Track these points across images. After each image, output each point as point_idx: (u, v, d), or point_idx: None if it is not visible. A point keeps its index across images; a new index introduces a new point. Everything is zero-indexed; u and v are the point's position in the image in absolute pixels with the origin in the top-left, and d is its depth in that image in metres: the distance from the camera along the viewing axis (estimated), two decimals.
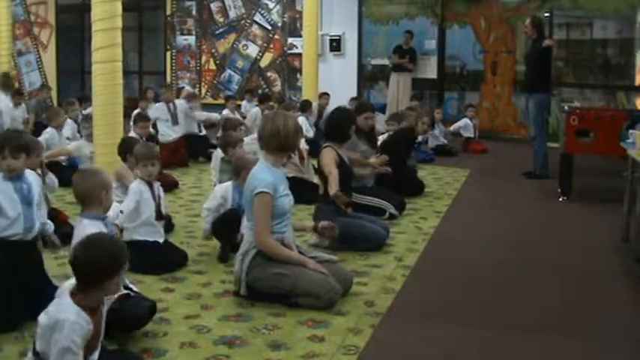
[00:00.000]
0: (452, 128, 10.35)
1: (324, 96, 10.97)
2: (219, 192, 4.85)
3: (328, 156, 5.00)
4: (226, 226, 4.66)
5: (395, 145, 6.69)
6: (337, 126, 5.19)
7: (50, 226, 3.92)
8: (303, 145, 6.92)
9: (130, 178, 5.06)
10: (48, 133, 7.24)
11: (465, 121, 10.33)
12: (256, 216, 3.73)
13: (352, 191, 5.70)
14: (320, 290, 3.67)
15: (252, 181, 3.79)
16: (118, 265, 2.42)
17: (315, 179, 6.58)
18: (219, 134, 8.98)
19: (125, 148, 5.39)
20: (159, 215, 4.46)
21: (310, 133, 9.42)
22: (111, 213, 4.59)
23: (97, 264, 2.38)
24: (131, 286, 3.42)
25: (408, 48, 11.70)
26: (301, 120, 9.37)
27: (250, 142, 6.64)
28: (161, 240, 4.48)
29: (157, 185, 4.53)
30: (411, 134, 6.99)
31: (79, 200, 3.40)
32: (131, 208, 4.37)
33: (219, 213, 4.76)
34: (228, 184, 4.90)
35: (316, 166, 5.52)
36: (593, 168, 7.72)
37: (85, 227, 3.22)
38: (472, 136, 10.27)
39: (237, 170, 4.80)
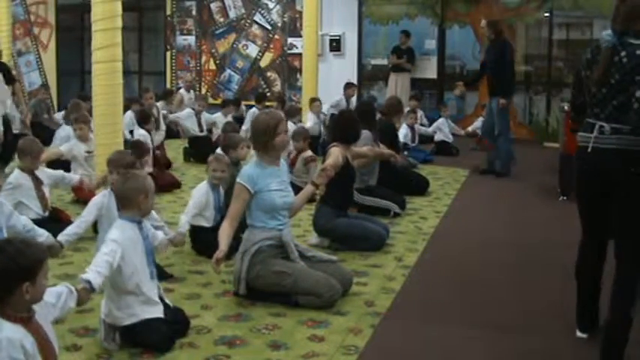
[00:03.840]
0: (470, 129, 10.64)
1: (351, 87, 11.02)
2: (198, 194, 4.81)
3: (337, 152, 4.99)
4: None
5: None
6: (344, 128, 5.17)
7: (41, 236, 3.96)
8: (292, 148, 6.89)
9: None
10: (66, 130, 7.38)
11: (481, 120, 10.48)
12: (230, 205, 3.90)
13: (357, 193, 5.72)
14: (320, 289, 3.68)
15: (239, 175, 3.92)
16: (25, 271, 2.24)
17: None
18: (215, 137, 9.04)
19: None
20: None
21: (315, 131, 9.44)
22: (155, 215, 4.60)
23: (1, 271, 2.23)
24: (165, 299, 3.39)
25: (405, 48, 11.70)
26: (309, 117, 9.42)
27: None
28: None
29: None
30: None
31: (118, 201, 3.37)
32: (89, 221, 4.27)
33: (200, 213, 4.78)
34: (205, 186, 4.86)
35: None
36: None
37: (118, 227, 3.22)
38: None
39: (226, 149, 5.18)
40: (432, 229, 5.58)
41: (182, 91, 12.20)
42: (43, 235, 3.98)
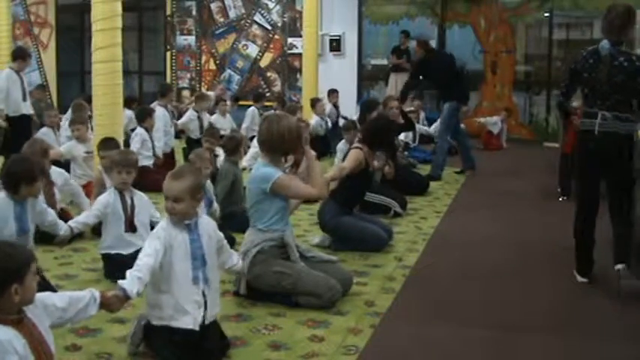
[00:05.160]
0: (482, 119, 10.85)
1: (334, 93, 10.92)
2: None
3: (354, 156, 4.97)
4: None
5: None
6: (378, 134, 5.13)
7: (61, 229, 4.06)
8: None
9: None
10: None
11: (497, 119, 10.74)
12: (293, 191, 3.83)
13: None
14: (320, 289, 3.67)
15: (259, 178, 3.80)
16: (13, 274, 2.24)
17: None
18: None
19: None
20: (130, 227, 4.26)
21: (321, 131, 9.43)
22: (156, 213, 4.52)
23: None
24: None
25: (405, 48, 11.71)
26: (314, 119, 9.40)
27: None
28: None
29: (130, 195, 4.34)
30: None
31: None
32: (98, 216, 4.27)
33: None
34: None
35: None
36: None
37: (165, 221, 3.08)
38: (495, 132, 10.66)
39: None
40: (432, 229, 5.58)
41: (211, 93, 11.84)
42: (62, 229, 4.10)
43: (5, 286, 2.22)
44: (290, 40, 13.01)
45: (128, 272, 2.84)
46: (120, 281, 2.80)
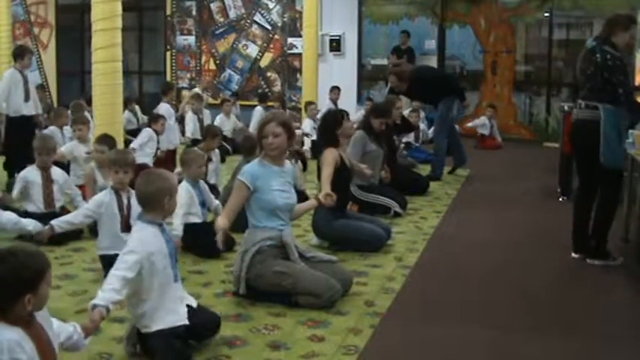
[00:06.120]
0: (470, 125, 10.74)
1: (336, 90, 11.07)
2: (179, 195, 4.78)
3: (329, 156, 4.97)
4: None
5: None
6: (324, 131, 5.19)
7: (29, 225, 4.05)
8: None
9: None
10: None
11: (483, 119, 10.69)
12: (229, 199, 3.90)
13: (359, 189, 5.71)
14: (320, 289, 3.67)
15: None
16: (27, 284, 2.19)
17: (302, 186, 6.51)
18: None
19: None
20: (126, 227, 4.22)
21: (313, 134, 9.41)
22: (176, 221, 4.55)
23: (2, 283, 2.18)
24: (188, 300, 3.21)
25: (405, 48, 11.71)
26: (306, 123, 9.38)
27: None
28: None
29: (127, 195, 4.33)
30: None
31: (140, 203, 3.11)
32: (86, 215, 4.29)
33: (189, 212, 4.80)
34: (185, 184, 4.89)
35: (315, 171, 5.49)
36: None
37: (139, 231, 3.05)
38: (487, 133, 10.63)
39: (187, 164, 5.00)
40: (432, 229, 5.58)
41: (197, 90, 11.84)
42: (30, 224, 4.05)
43: (19, 296, 2.18)
44: (290, 40, 13.01)
45: (100, 290, 2.83)
46: (92, 301, 2.77)
